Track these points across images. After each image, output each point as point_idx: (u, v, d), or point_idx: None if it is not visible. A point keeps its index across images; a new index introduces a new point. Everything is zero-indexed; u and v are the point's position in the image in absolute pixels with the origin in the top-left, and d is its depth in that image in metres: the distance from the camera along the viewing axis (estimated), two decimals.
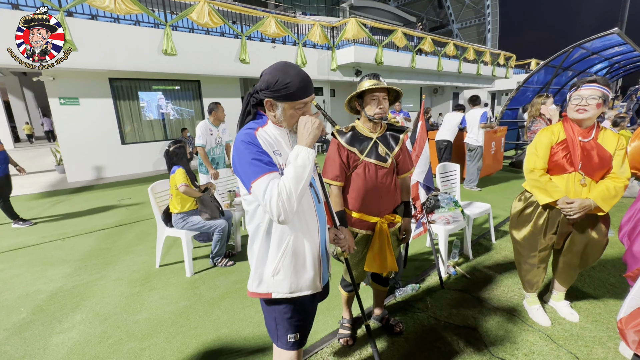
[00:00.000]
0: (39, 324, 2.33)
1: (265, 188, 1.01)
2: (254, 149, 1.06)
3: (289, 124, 1.15)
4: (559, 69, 7.61)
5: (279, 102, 1.11)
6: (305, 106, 1.14)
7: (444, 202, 2.92)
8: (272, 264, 1.15)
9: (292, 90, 1.09)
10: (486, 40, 31.99)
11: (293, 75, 1.09)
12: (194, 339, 2.11)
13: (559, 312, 2.18)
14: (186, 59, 7.81)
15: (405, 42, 11.43)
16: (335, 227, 1.42)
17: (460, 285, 2.61)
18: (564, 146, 1.89)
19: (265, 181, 1.02)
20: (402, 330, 2.05)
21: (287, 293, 1.17)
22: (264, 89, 1.11)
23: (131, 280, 2.91)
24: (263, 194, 1.01)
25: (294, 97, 1.10)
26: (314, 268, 1.21)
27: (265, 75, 1.11)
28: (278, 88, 1.08)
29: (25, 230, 4.35)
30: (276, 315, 1.21)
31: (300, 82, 1.09)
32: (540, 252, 2.06)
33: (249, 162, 1.04)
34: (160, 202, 3.11)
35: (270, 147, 1.10)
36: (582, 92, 1.81)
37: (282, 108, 1.11)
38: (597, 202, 1.78)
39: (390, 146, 1.78)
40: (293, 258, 1.16)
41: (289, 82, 1.08)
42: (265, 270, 1.16)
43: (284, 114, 1.12)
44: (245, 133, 1.10)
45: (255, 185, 1.03)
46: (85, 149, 7.57)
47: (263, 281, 1.17)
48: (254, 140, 1.07)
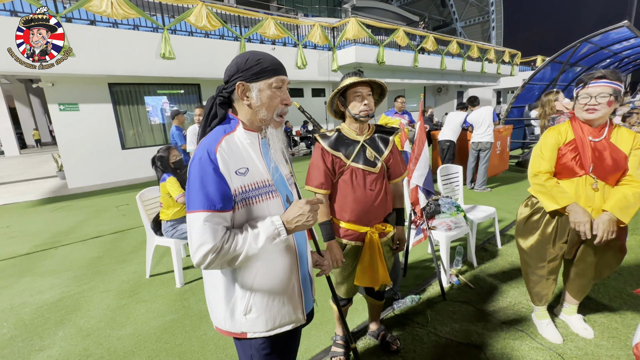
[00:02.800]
0: (19, 340, 2.22)
1: (199, 229, 0.87)
2: (209, 171, 0.90)
3: (268, 109, 0.99)
4: (566, 65, 7.37)
5: (253, 83, 0.97)
6: (282, 89, 1.01)
7: (445, 206, 2.76)
8: (241, 302, 0.98)
9: (266, 65, 0.97)
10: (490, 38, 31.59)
11: (264, 54, 1.00)
12: (178, 357, 1.98)
13: (572, 327, 2.01)
14: (185, 63, 7.75)
15: (407, 41, 11.26)
16: (318, 251, 1.25)
17: (464, 296, 2.44)
18: (572, 147, 1.71)
19: (200, 220, 0.87)
20: (400, 349, 1.90)
21: (265, 332, 1.01)
22: (234, 74, 0.99)
23: (119, 291, 2.80)
24: (195, 232, 0.87)
25: (269, 72, 0.98)
26: (294, 299, 1.05)
27: (231, 63, 1.00)
28: (250, 66, 0.97)
29: (18, 239, 4.28)
30: (253, 353, 1.04)
31: (273, 60, 1.00)
32: (549, 262, 1.89)
33: (195, 187, 0.90)
34: (150, 210, 3.01)
35: (233, 164, 0.94)
36: (590, 89, 1.63)
37: (258, 89, 0.97)
38: (615, 214, 1.59)
39: (380, 149, 1.64)
40: (266, 292, 0.99)
41: (260, 58, 0.98)
42: (237, 308, 0.99)
43: (261, 96, 0.98)
44: (205, 145, 0.94)
45: (191, 217, 0.89)
46: (86, 154, 7.54)
47: (235, 319, 1.00)
48: (212, 157, 0.91)
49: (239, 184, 0.94)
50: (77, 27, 6.39)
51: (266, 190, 0.99)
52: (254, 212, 0.97)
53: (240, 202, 0.94)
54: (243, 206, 0.95)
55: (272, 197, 1.00)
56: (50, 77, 6.83)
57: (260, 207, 0.98)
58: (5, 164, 11.97)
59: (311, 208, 0.97)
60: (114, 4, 6.26)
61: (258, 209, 0.97)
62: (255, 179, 0.97)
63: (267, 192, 0.99)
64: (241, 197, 0.94)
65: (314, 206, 0.98)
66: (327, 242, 1.60)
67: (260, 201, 0.97)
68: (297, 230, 0.97)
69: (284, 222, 0.95)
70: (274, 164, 1.02)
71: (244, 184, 0.95)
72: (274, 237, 0.92)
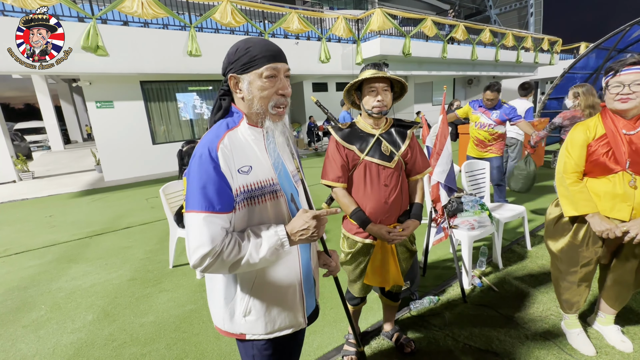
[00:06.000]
0: (54, 322, 2.40)
1: (197, 230, 0.84)
2: (209, 169, 0.85)
3: (261, 102, 0.92)
4: (613, 51, 6.73)
5: (243, 75, 0.91)
6: (277, 77, 0.92)
7: (469, 204, 2.62)
8: (241, 304, 0.96)
9: (255, 54, 0.90)
10: (528, 24, 29.54)
11: (255, 41, 0.93)
12: (194, 347, 2.05)
13: (607, 338, 1.84)
14: (212, 59, 7.93)
15: (435, 31, 10.78)
16: (325, 251, 1.19)
17: (486, 299, 2.32)
18: (604, 142, 1.55)
19: (198, 220, 0.84)
20: (414, 351, 1.84)
21: (264, 334, 0.99)
22: (226, 67, 0.94)
23: (144, 280, 2.94)
24: (192, 233, 0.84)
25: (258, 62, 0.90)
26: (295, 303, 1.02)
27: (226, 54, 0.96)
28: (239, 56, 0.91)
29: (59, 227, 4.62)
30: (255, 353, 1.02)
31: (265, 46, 0.91)
32: (582, 267, 1.73)
33: (194, 186, 0.86)
34: (173, 203, 3.11)
35: (236, 162, 0.89)
36: (622, 77, 1.47)
37: (248, 81, 0.91)
38: None
39: (397, 144, 1.56)
40: (265, 295, 0.97)
41: (250, 46, 0.91)
42: (236, 309, 0.97)
43: (251, 88, 0.91)
44: (207, 142, 0.89)
45: (189, 217, 0.86)
46: (120, 149, 7.98)
47: (234, 321, 0.98)
48: (213, 155, 0.87)
49: (241, 183, 0.89)
50: (112, 28, 6.72)
51: (270, 189, 0.94)
52: (256, 213, 0.93)
53: (241, 202, 0.90)
54: (244, 206, 0.91)
55: (275, 198, 0.96)
56: (87, 76, 7.26)
57: (263, 208, 0.94)
58: (51, 158, 12.96)
59: (317, 223, 0.91)
60: (144, 4, 6.51)
61: (260, 210, 0.93)
62: (259, 177, 0.93)
63: (271, 192, 0.95)
64: (243, 196, 0.90)
65: (320, 220, 0.92)
66: (366, 229, 1.53)
67: (262, 201, 0.93)
68: (300, 243, 0.93)
69: (288, 233, 0.91)
70: (274, 159, 0.97)
71: (247, 183, 0.90)
72: (277, 248, 0.89)
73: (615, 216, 1.56)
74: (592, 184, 1.63)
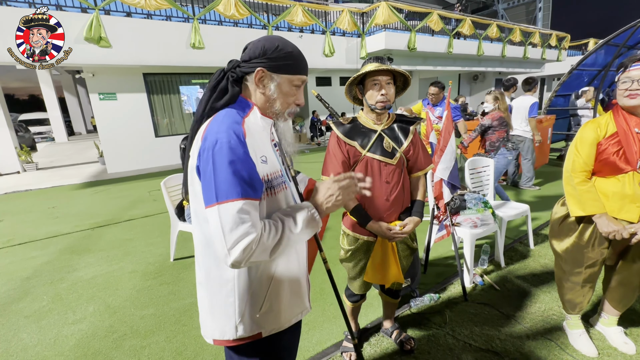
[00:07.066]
0: (55, 313, 2.41)
1: (235, 221, 0.76)
2: (241, 154, 0.79)
3: (282, 105, 0.93)
4: (622, 48, 6.59)
5: (276, 74, 0.91)
6: (300, 88, 0.96)
7: (472, 202, 2.59)
8: (257, 299, 0.92)
9: (293, 62, 0.91)
10: (536, 20, 29.02)
11: (293, 46, 0.93)
12: (194, 340, 2.05)
13: (610, 340, 1.82)
14: (215, 52, 7.87)
15: (441, 25, 10.63)
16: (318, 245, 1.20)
17: (487, 298, 2.30)
18: (615, 140, 1.51)
19: (234, 210, 0.76)
20: (413, 349, 1.83)
21: (277, 327, 0.96)
22: (257, 57, 0.90)
23: (145, 273, 2.95)
24: (230, 225, 0.76)
25: (295, 69, 0.92)
26: (303, 289, 1.04)
27: (258, 42, 0.91)
28: (277, 55, 0.89)
29: (61, 219, 4.64)
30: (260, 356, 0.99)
31: (300, 55, 0.94)
32: (586, 268, 1.70)
33: (224, 174, 0.77)
34: (174, 196, 3.11)
35: (257, 151, 0.86)
36: (632, 72, 1.44)
37: (278, 83, 0.91)
38: None
39: (399, 140, 1.53)
40: (284, 283, 0.96)
41: (291, 51, 0.92)
42: (252, 307, 0.92)
43: (279, 90, 0.92)
44: (230, 127, 0.81)
45: (221, 209, 0.76)
46: (122, 142, 7.98)
47: (249, 320, 0.92)
48: (242, 140, 0.81)
49: (263, 172, 0.87)
50: (115, 19, 6.67)
51: (281, 180, 0.95)
52: (275, 203, 0.92)
53: (264, 192, 0.88)
54: (267, 196, 0.89)
55: (286, 188, 0.97)
56: (90, 67, 7.24)
57: (280, 198, 0.93)
58: (55, 150, 13.02)
59: (340, 186, 0.92)
60: None
61: (279, 200, 0.92)
62: (275, 167, 0.93)
63: (282, 183, 0.95)
64: (265, 186, 0.88)
65: (342, 182, 0.93)
66: (367, 227, 1.52)
67: (277, 192, 0.92)
68: (328, 211, 0.93)
69: (315, 205, 0.91)
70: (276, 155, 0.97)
71: (267, 173, 0.88)
72: (309, 220, 0.88)
73: (624, 217, 1.52)
74: (601, 184, 1.59)
